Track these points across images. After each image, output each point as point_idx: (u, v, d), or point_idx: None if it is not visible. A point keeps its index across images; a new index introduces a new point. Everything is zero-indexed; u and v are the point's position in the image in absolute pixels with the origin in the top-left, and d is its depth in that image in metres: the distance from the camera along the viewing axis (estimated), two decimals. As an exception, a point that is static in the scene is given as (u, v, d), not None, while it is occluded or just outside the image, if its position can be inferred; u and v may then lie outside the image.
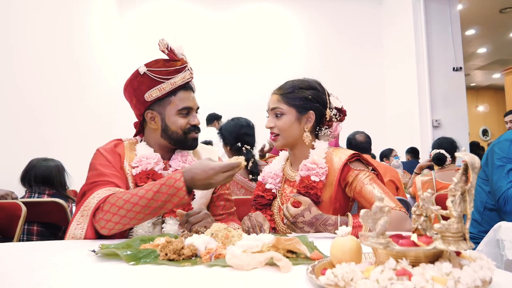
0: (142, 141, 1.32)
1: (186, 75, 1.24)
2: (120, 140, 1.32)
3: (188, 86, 1.27)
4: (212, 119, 4.66)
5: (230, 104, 5.38)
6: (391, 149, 5.01)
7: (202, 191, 1.29)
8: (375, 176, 1.22)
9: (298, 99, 1.27)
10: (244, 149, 2.18)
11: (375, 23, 6.56)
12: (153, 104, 1.24)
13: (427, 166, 3.50)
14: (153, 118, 1.26)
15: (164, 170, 1.25)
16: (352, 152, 1.25)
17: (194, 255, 0.79)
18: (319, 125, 1.33)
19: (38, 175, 2.19)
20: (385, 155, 4.99)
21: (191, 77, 1.27)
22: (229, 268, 0.71)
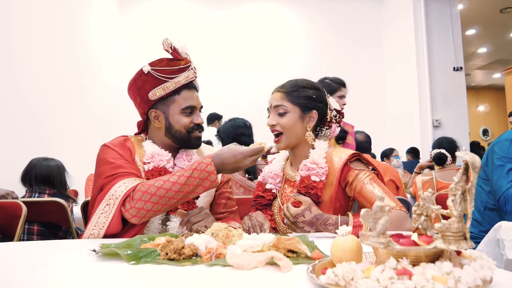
0: (147, 139, 1.32)
1: (190, 74, 1.25)
2: (126, 136, 1.32)
3: (191, 85, 1.27)
4: (213, 119, 4.66)
5: (230, 104, 5.38)
6: (392, 148, 5.01)
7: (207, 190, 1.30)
8: (375, 176, 1.22)
9: (302, 97, 1.27)
10: None
11: (376, 23, 6.55)
12: (157, 103, 1.24)
13: (428, 166, 3.50)
14: (157, 117, 1.26)
15: (171, 169, 1.26)
16: (352, 151, 1.25)
17: (194, 255, 0.79)
18: (320, 125, 1.33)
19: (38, 175, 2.19)
20: (386, 154, 4.99)
21: (194, 76, 1.27)
22: (229, 268, 0.71)
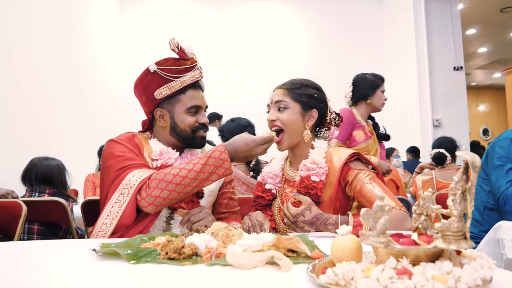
0: (152, 137, 1.33)
1: (196, 74, 1.25)
2: (133, 133, 1.33)
3: (197, 84, 1.28)
4: (213, 118, 4.65)
5: (231, 104, 5.37)
6: (392, 148, 5.00)
7: (210, 189, 1.32)
8: (375, 175, 1.22)
9: (304, 95, 1.27)
10: None
11: (376, 22, 6.55)
12: (162, 102, 1.25)
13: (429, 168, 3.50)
14: (162, 116, 1.27)
15: None
16: (352, 151, 1.25)
17: (194, 254, 0.79)
18: (319, 126, 1.33)
19: (39, 174, 2.19)
20: (386, 154, 4.98)
21: (200, 76, 1.28)
22: (229, 267, 0.71)
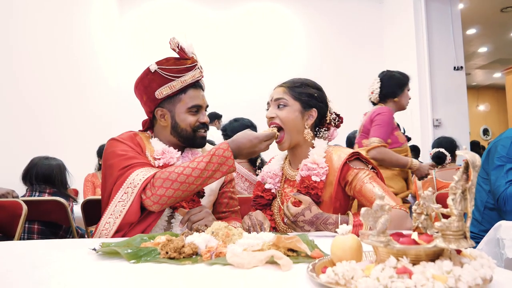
0: (153, 137, 1.33)
1: (196, 74, 1.26)
2: (135, 132, 1.33)
3: (198, 84, 1.28)
4: (213, 118, 4.66)
5: (231, 103, 5.37)
6: (391, 148, 4.99)
7: (211, 188, 1.32)
8: (375, 175, 1.22)
9: (304, 94, 1.28)
10: None
11: (376, 22, 6.54)
12: (163, 101, 1.25)
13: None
14: (163, 115, 1.27)
15: None
16: (351, 150, 1.24)
17: (194, 254, 0.79)
18: (319, 125, 1.33)
19: (39, 174, 2.19)
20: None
21: (201, 75, 1.28)
22: (229, 267, 0.71)
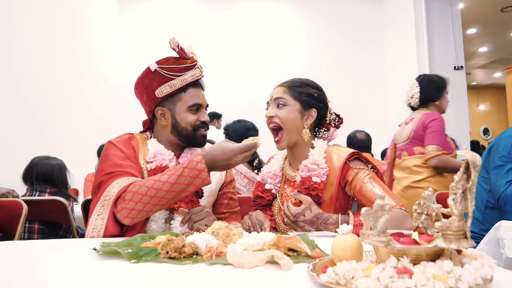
0: (152, 137, 1.33)
1: (196, 73, 1.26)
2: (131, 134, 1.32)
3: (197, 83, 1.29)
4: (212, 117, 4.66)
5: (231, 103, 5.37)
6: (391, 148, 4.99)
7: (210, 189, 1.32)
8: (375, 175, 1.22)
9: (304, 94, 1.28)
10: None
11: (376, 22, 6.54)
12: (163, 100, 1.26)
13: None
14: (163, 114, 1.27)
15: None
16: (351, 150, 1.24)
17: (195, 253, 0.79)
18: (318, 126, 1.33)
19: (40, 173, 2.20)
20: (385, 154, 4.98)
21: (201, 75, 1.29)
22: (230, 266, 0.71)
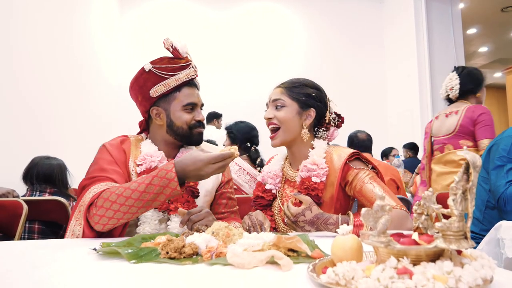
0: (147, 138, 1.33)
1: (191, 72, 1.26)
2: (126, 136, 1.32)
3: (192, 82, 1.29)
4: (212, 117, 4.66)
5: (230, 103, 5.38)
6: (391, 147, 5.01)
7: (206, 189, 1.31)
8: (375, 175, 1.22)
9: (301, 94, 1.28)
10: (253, 148, 2.43)
11: (376, 22, 6.54)
12: (158, 100, 1.26)
13: None
14: (158, 114, 1.27)
15: None
16: (351, 150, 1.24)
17: (195, 254, 0.79)
18: (318, 126, 1.33)
19: (40, 173, 2.20)
20: (385, 154, 4.99)
21: (195, 74, 1.29)
22: (230, 267, 0.71)
